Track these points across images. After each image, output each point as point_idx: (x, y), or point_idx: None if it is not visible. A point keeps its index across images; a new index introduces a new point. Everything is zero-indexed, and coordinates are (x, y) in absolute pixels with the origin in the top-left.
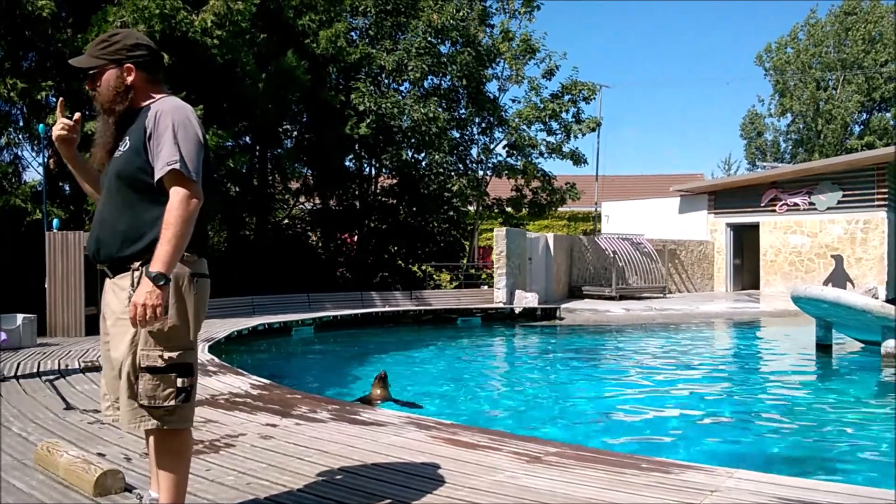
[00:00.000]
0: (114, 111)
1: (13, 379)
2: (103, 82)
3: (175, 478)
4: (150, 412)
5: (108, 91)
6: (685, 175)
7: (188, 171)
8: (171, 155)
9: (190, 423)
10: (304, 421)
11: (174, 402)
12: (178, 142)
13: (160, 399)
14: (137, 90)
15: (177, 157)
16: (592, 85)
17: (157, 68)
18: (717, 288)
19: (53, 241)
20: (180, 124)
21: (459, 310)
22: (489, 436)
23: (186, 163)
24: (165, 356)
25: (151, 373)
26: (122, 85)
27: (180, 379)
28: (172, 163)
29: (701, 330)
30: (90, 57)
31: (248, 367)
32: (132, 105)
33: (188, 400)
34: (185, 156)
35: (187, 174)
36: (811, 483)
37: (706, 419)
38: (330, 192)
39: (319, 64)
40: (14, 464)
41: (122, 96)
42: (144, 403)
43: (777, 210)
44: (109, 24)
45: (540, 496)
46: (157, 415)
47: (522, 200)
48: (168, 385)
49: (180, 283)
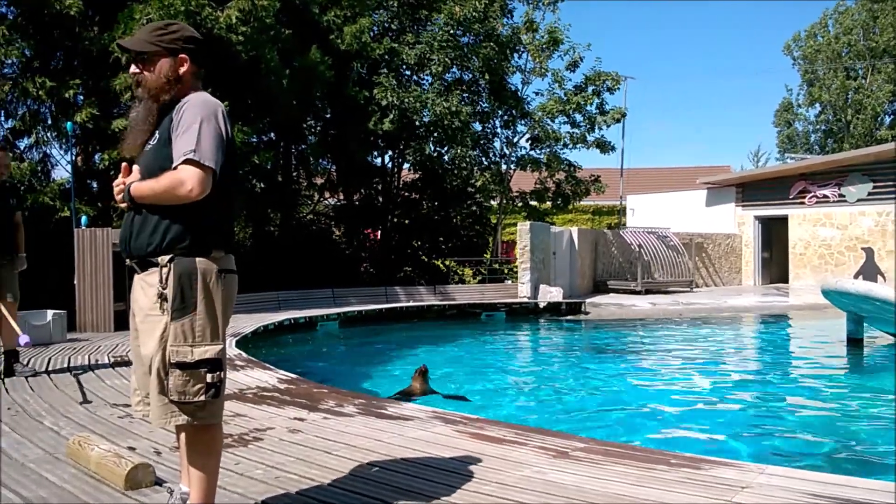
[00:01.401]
0: (159, 99)
1: (44, 374)
2: (156, 69)
3: (206, 473)
4: (180, 408)
5: (159, 79)
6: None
7: (201, 159)
8: (188, 145)
9: (219, 418)
10: (331, 415)
11: (204, 397)
12: (200, 134)
13: (190, 395)
14: (184, 82)
15: (193, 148)
16: (616, 75)
17: (203, 63)
18: (745, 282)
19: (82, 238)
20: (205, 119)
21: (483, 304)
22: (515, 430)
23: (201, 152)
24: (195, 352)
25: (181, 368)
26: (175, 75)
27: (210, 374)
28: (188, 153)
29: (729, 324)
30: (144, 41)
31: (275, 362)
32: (176, 96)
33: (217, 395)
34: (203, 148)
35: (199, 160)
36: (844, 479)
37: (735, 415)
38: (353, 187)
39: (343, 60)
40: (46, 457)
41: (171, 86)
42: (174, 399)
43: (806, 202)
44: (136, 21)
45: (567, 492)
46: (188, 410)
47: (546, 193)
48: (198, 381)
49: (208, 280)
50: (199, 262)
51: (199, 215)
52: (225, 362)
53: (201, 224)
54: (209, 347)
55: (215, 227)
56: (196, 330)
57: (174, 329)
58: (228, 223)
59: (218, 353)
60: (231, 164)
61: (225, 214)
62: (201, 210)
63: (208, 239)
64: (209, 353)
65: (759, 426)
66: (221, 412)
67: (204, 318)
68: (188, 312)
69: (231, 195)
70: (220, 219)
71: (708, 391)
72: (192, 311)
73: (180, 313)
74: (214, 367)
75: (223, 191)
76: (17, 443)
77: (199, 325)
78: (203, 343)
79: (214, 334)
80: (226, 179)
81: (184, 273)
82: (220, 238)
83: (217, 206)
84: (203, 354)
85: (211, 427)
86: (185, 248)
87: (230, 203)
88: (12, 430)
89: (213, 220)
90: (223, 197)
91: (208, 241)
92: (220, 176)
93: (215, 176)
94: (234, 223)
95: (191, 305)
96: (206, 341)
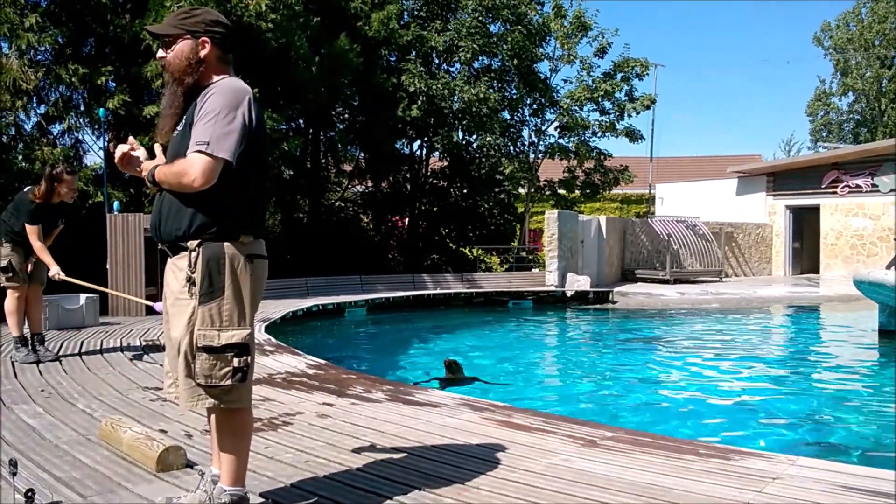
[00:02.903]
0: (183, 82)
1: (77, 356)
2: (176, 51)
3: (236, 455)
4: (208, 391)
5: (181, 61)
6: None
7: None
8: (202, 135)
9: (247, 402)
10: (359, 401)
11: (230, 381)
12: (216, 123)
13: (217, 378)
14: (208, 65)
15: (206, 139)
16: (645, 61)
17: (230, 49)
18: (776, 272)
19: (114, 223)
20: (225, 107)
21: (510, 292)
22: (543, 419)
23: (213, 142)
24: (222, 336)
25: (208, 352)
26: (196, 56)
27: (237, 359)
28: (200, 142)
29: (759, 315)
30: (168, 25)
31: (303, 347)
32: (200, 80)
33: (244, 380)
34: (216, 138)
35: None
36: (876, 472)
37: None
38: (381, 174)
39: (371, 46)
40: (79, 439)
41: (193, 68)
42: (201, 382)
43: (838, 192)
44: (167, 9)
45: (596, 480)
46: (215, 394)
47: (574, 181)
48: (225, 364)
49: (235, 265)
50: (227, 246)
51: (228, 201)
52: (253, 347)
53: (230, 209)
54: (236, 332)
55: (244, 213)
56: (223, 314)
57: (202, 313)
58: (258, 209)
59: (245, 338)
60: (260, 150)
61: (254, 200)
62: (230, 195)
63: (236, 224)
64: (236, 338)
65: (789, 417)
66: (250, 396)
67: (231, 303)
68: (216, 297)
69: (262, 181)
70: (249, 204)
71: (737, 381)
72: (220, 296)
73: (208, 297)
74: (241, 352)
75: (251, 177)
76: (50, 425)
77: (227, 309)
78: (230, 327)
79: (242, 319)
80: (253, 166)
81: (212, 258)
82: (249, 223)
83: (246, 191)
84: (230, 339)
85: (240, 411)
86: (213, 232)
87: (260, 189)
88: (46, 412)
89: (241, 205)
90: (252, 183)
91: (236, 227)
92: (247, 163)
93: (232, 165)
94: (264, 209)
95: (218, 290)
96: (233, 326)
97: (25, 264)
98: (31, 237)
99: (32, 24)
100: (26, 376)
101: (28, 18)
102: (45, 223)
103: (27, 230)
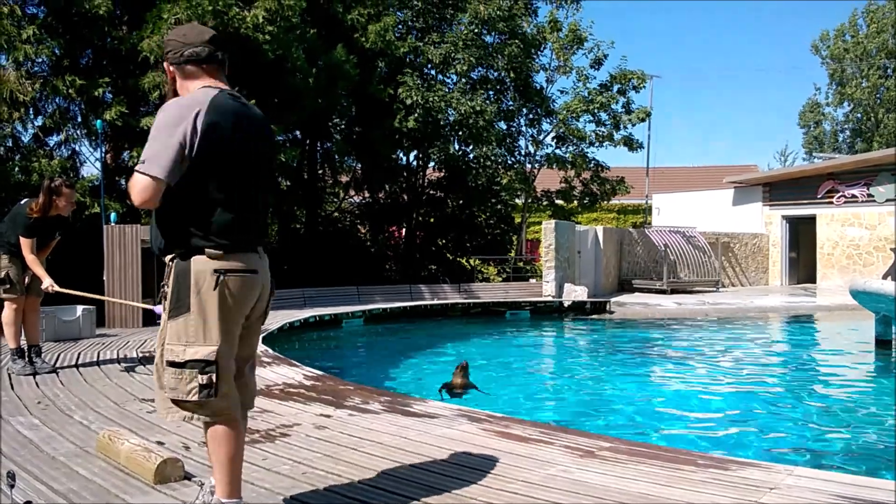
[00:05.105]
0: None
1: (73, 368)
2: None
3: (223, 466)
4: (177, 405)
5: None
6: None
7: (145, 169)
8: (143, 153)
9: (223, 416)
10: (356, 412)
11: (197, 397)
12: (153, 142)
13: (182, 392)
14: (180, 85)
15: (143, 158)
16: (642, 73)
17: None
18: (772, 282)
19: (111, 234)
20: (165, 125)
21: (508, 303)
22: (541, 429)
23: (147, 162)
24: (187, 351)
25: (172, 366)
26: (171, 83)
27: (201, 375)
28: (140, 162)
29: (755, 325)
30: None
31: (301, 359)
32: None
33: (213, 396)
34: (150, 157)
35: (142, 170)
36: (873, 481)
37: (763, 416)
38: (378, 185)
39: (368, 58)
40: (77, 451)
41: (171, 93)
42: (169, 396)
43: (834, 202)
44: (164, 21)
45: (594, 491)
46: (185, 407)
47: (572, 192)
48: (189, 380)
49: (200, 281)
50: (195, 262)
51: (187, 217)
52: (224, 365)
53: (190, 225)
54: (200, 348)
55: (207, 228)
56: (189, 330)
57: (170, 327)
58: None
59: (209, 355)
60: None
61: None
62: (188, 211)
63: (200, 239)
64: (199, 354)
65: (786, 428)
66: (227, 411)
67: (196, 319)
68: (182, 312)
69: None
70: (217, 220)
71: (735, 392)
72: (186, 312)
73: (175, 312)
74: (206, 368)
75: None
76: (48, 437)
77: (192, 325)
78: (195, 343)
79: (208, 336)
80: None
81: (180, 273)
82: (220, 239)
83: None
84: (194, 355)
85: (222, 423)
86: (182, 248)
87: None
88: (43, 423)
89: (201, 220)
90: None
91: (200, 242)
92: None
93: (169, 184)
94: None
95: (184, 305)
96: (198, 342)
97: (23, 276)
98: (24, 250)
99: (30, 35)
100: (23, 388)
101: (25, 30)
102: (41, 236)
103: (21, 242)
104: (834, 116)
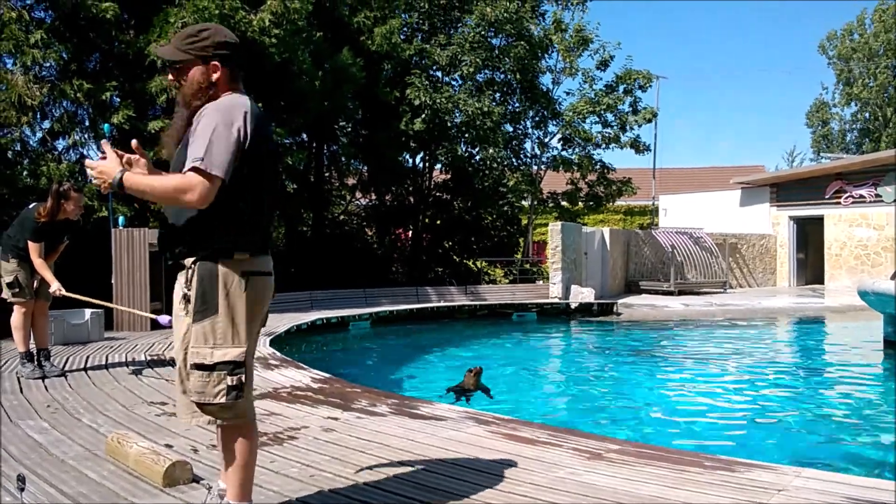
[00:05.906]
0: (191, 105)
1: (82, 371)
2: (189, 78)
3: (240, 470)
4: (203, 408)
5: (192, 87)
6: (746, 167)
7: (208, 168)
8: (198, 152)
9: (246, 419)
10: (364, 414)
11: (224, 399)
12: (211, 142)
13: (209, 395)
14: (219, 87)
15: (201, 156)
16: (648, 73)
17: (240, 67)
18: (780, 283)
19: (119, 237)
20: (220, 125)
21: (514, 305)
22: (549, 432)
23: (209, 161)
24: (215, 354)
25: (200, 369)
26: (207, 82)
27: (230, 377)
28: (196, 160)
29: (763, 326)
30: (177, 50)
31: (308, 361)
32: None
33: (239, 398)
34: (212, 156)
35: (205, 169)
36: (882, 483)
37: (770, 417)
38: (385, 187)
39: (374, 60)
40: (86, 454)
41: (203, 92)
42: (194, 399)
43: (842, 202)
44: (171, 25)
45: (602, 493)
46: (209, 411)
47: (578, 194)
48: (217, 382)
49: (229, 283)
50: (222, 264)
51: (222, 218)
52: (250, 365)
53: (223, 227)
54: (229, 350)
55: (239, 230)
56: (217, 332)
57: (195, 330)
58: (258, 226)
59: (238, 356)
60: (258, 165)
61: (252, 217)
62: (223, 213)
63: (231, 242)
64: (229, 356)
65: (794, 429)
66: (249, 413)
67: (225, 321)
68: (209, 314)
69: (260, 197)
70: (245, 221)
71: (742, 393)
72: (214, 314)
73: (201, 315)
74: (235, 370)
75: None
76: (57, 440)
77: (220, 327)
78: (224, 345)
79: (236, 337)
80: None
81: (206, 276)
82: (246, 241)
83: (241, 208)
84: (223, 357)
85: (242, 426)
86: (208, 250)
87: (258, 205)
88: (52, 427)
89: (235, 223)
90: (248, 199)
91: (230, 245)
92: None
93: (224, 184)
94: (267, 226)
95: (212, 308)
96: (226, 344)
97: (32, 280)
98: (31, 254)
99: (37, 40)
100: (32, 392)
101: (33, 35)
102: (49, 240)
103: (29, 247)
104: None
